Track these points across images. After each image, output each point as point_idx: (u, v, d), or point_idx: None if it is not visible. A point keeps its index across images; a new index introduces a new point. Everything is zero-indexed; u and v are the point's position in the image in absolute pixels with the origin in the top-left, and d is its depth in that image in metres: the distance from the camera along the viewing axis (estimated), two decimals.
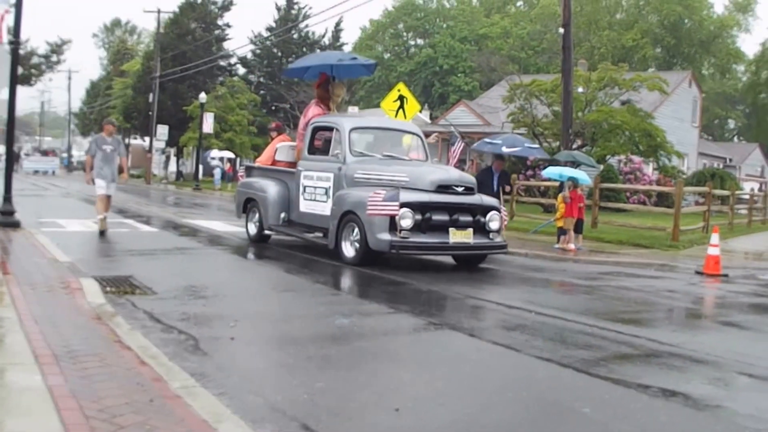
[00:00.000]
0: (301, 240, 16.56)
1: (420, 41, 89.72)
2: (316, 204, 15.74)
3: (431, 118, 62.47)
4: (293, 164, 17.46)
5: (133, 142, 76.21)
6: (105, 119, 19.36)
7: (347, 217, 14.51)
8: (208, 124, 54.84)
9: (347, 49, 78.67)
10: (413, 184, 14.08)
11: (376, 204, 13.65)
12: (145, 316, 8.74)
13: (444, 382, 6.69)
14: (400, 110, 22.31)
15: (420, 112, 44.79)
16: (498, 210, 14.89)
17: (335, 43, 72.28)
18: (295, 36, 70.11)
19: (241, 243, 17.54)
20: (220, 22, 69.07)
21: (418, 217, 13.82)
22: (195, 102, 55.67)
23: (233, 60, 70.55)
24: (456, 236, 14.23)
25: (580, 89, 34.62)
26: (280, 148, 17.81)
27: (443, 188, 14.29)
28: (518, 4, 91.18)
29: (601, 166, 32.48)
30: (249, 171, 18.65)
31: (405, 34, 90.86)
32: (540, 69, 73.78)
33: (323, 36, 71.25)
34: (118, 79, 76.79)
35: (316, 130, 16.53)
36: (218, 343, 7.64)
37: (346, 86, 17.50)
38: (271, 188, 17.00)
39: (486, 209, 14.68)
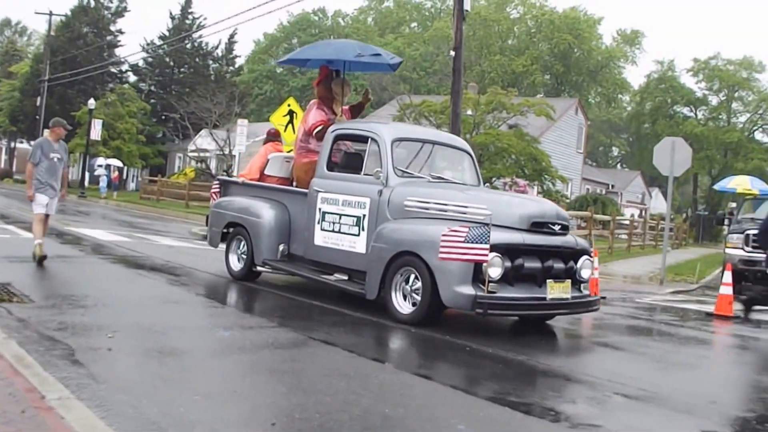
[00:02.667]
0: (309, 281, 12.37)
1: None
2: (341, 237, 11.21)
3: None
4: (286, 180, 13.16)
5: (18, 146, 73.87)
6: (54, 119, 14.12)
7: (402, 260, 10.10)
8: (96, 131, 52.70)
9: (239, 62, 74.89)
10: (497, 220, 9.71)
11: (456, 245, 9.28)
12: (21, 324, 8.27)
13: (321, 396, 6.36)
14: (290, 125, 21.75)
15: None
16: (590, 254, 10.71)
17: (228, 55, 71.39)
18: (189, 46, 68.29)
19: (125, 252, 16.43)
20: (112, 28, 67.63)
21: (508, 264, 9.60)
22: (84, 108, 53.02)
23: (124, 67, 68.89)
24: (554, 290, 10.04)
25: (469, 112, 34.30)
26: (273, 159, 13.19)
27: (538, 226, 10.04)
28: (412, 25, 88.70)
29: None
30: (226, 187, 13.78)
31: (299, 49, 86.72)
32: (431, 90, 72.15)
33: (216, 47, 70.42)
34: (5, 81, 73.16)
35: (339, 139, 12.07)
36: (96, 353, 7.26)
37: (350, 85, 13.14)
38: (266, 212, 12.35)
39: (579, 253, 10.52)
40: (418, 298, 9.88)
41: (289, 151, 13.92)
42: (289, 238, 12.20)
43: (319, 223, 11.46)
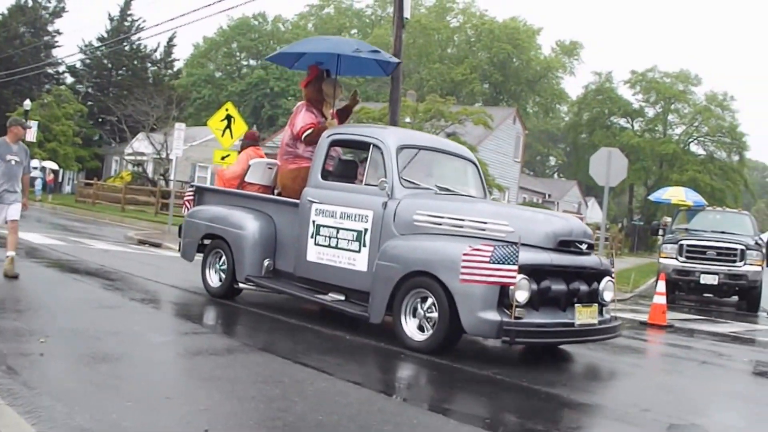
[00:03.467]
0: (289, 297, 11.45)
1: (253, 62, 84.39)
2: (338, 253, 10.01)
3: (259, 139, 57.40)
4: (268, 188, 11.95)
5: None
6: (11, 118, 12.63)
7: (413, 281, 8.96)
8: (32, 133, 49.20)
9: (178, 65, 73.26)
10: (519, 237, 8.59)
11: (479, 266, 8.22)
12: None
13: (255, 403, 6.25)
14: (227, 130, 21.78)
15: None
16: (612, 274, 9.64)
17: (167, 58, 69.91)
18: (127, 48, 66.25)
19: (60, 256, 15.77)
20: (50, 28, 65.61)
21: (534, 286, 8.52)
22: (19, 109, 50.39)
23: (62, 68, 66.59)
24: (582, 315, 9.00)
25: (408, 119, 33.86)
26: (255, 165, 11.91)
27: (565, 245, 8.99)
28: (353, 31, 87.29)
29: None
30: (202, 194, 12.45)
31: (238, 53, 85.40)
32: (369, 97, 70.41)
33: (155, 50, 68.63)
34: None
35: (335, 145, 10.91)
36: (27, 359, 6.98)
37: (342, 86, 11.89)
38: (250, 223, 11.07)
39: (602, 274, 9.47)
40: (433, 323, 8.75)
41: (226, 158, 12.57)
42: (275, 253, 10.97)
43: (312, 237, 10.26)
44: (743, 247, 19.26)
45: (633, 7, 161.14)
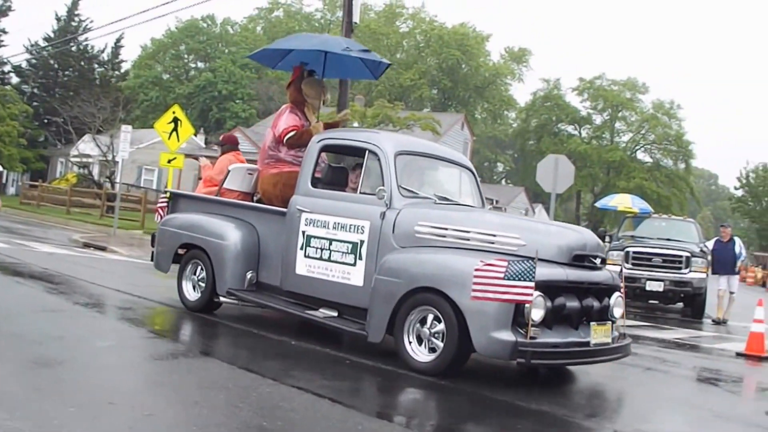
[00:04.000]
0: (283, 314, 10.84)
1: (201, 64, 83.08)
2: (331, 266, 9.25)
3: (206, 143, 59.91)
4: (248, 195, 11.18)
5: None
6: None
7: (418, 298, 8.26)
8: None
9: (126, 67, 71.80)
10: (532, 251, 7.96)
11: (493, 282, 7.56)
12: None
13: (199, 409, 6.16)
14: (174, 133, 21.59)
15: (195, 135, 45.39)
16: (621, 290, 9.03)
17: (114, 60, 68.02)
18: (74, 48, 64.44)
19: (2, 259, 15.16)
20: None
21: (549, 304, 7.90)
22: None
23: (7, 68, 63.71)
24: (597, 334, 8.39)
25: (356, 124, 33.51)
26: (234, 171, 11.10)
27: (579, 259, 8.37)
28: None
29: None
30: (177, 201, 11.61)
31: (186, 56, 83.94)
32: None
33: (103, 51, 66.56)
34: None
35: (326, 151, 10.27)
36: None
37: (326, 87, 11.21)
38: (231, 232, 10.25)
39: (612, 289, 8.87)
40: (440, 343, 8.09)
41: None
42: (258, 265, 10.19)
43: (302, 248, 9.50)
44: (688, 255, 19.32)
45: (582, 14, 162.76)
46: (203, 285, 10.53)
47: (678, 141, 70.71)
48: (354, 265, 8.99)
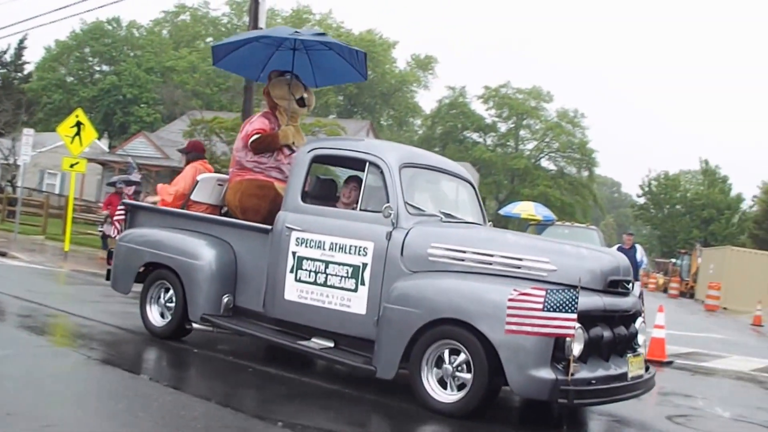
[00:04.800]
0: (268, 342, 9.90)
1: (106, 68, 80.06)
2: (327, 292, 8.10)
3: (110, 147, 58.22)
4: (217, 208, 9.96)
5: None
6: None
7: (438, 330, 7.23)
8: None
9: (29, 68, 68.98)
10: (564, 277, 7.12)
11: (530, 313, 6.59)
12: None
13: (99, 419, 6.05)
14: (77, 137, 21.31)
15: (98, 139, 44.40)
16: (642, 314, 8.17)
17: (17, 61, 65.33)
18: None
19: None
20: None
21: (586, 336, 6.98)
22: None
23: None
24: (633, 366, 7.57)
25: None
26: (203, 182, 9.84)
27: (614, 285, 7.45)
28: (208, 39, 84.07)
29: None
30: (137, 214, 10.25)
31: (91, 58, 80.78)
32: (224, 107, 67.87)
33: (5, 52, 63.38)
34: None
35: (319, 162, 9.11)
36: None
37: (301, 86, 9.84)
38: (205, 251, 9.00)
39: (636, 315, 7.96)
40: (466, 381, 7.05)
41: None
42: (235, 287, 8.95)
43: (292, 271, 8.33)
44: None
45: (488, 24, 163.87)
46: (172, 309, 9.26)
47: (582, 149, 71.14)
48: (355, 290, 7.89)
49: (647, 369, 8.07)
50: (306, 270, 8.21)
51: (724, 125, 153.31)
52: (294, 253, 8.30)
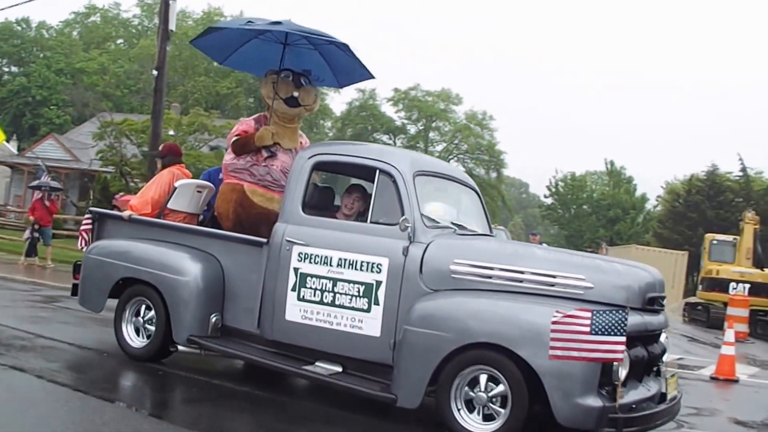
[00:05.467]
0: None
1: (15, 69, 77.09)
2: (335, 312, 7.26)
3: (19, 149, 55.41)
4: (194, 218, 9.07)
5: None
6: None
7: (472, 355, 6.49)
8: None
9: None
10: (601, 295, 6.48)
11: (576, 337, 5.93)
12: None
13: (4, 428, 5.70)
14: None
15: (7, 142, 42.37)
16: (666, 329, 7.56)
17: None
18: None
19: None
20: None
21: (629, 358, 6.36)
22: None
23: None
24: (671, 387, 7.04)
25: (171, 132, 32.15)
26: (181, 188, 8.85)
27: (651, 302, 6.82)
28: (119, 41, 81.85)
29: None
30: (105, 223, 9.15)
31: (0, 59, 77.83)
32: (134, 109, 65.83)
33: None
34: None
35: (321, 169, 8.37)
36: None
37: (291, 84, 8.57)
38: (191, 266, 8.04)
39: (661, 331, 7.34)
40: (501, 410, 6.31)
41: None
42: (223, 305, 8.04)
43: (294, 289, 7.45)
44: None
45: (398, 25, 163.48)
46: (152, 329, 8.26)
47: (490, 151, 70.92)
48: (368, 311, 7.08)
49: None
50: (311, 288, 7.35)
51: (629, 127, 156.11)
52: (296, 270, 7.44)
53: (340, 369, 7.27)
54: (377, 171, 7.38)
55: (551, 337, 5.94)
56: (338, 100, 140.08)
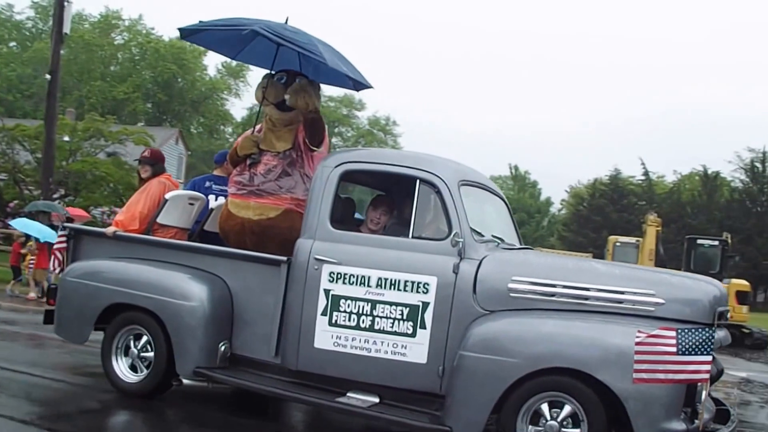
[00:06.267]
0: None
1: None
2: (374, 337, 6.54)
3: None
4: (185, 233, 8.25)
5: None
6: None
7: (542, 382, 5.91)
8: None
9: None
10: (671, 311, 6.00)
11: (662, 358, 5.48)
12: None
13: None
14: None
15: None
16: None
17: None
18: None
19: None
20: None
21: None
22: None
23: None
24: (729, 404, 6.70)
25: (66, 138, 31.49)
26: (173, 201, 8.02)
27: (720, 317, 6.25)
28: (11, 44, 78.72)
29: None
30: (82, 240, 8.20)
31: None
32: (27, 114, 64.02)
33: None
34: None
35: (350, 180, 7.51)
36: None
37: (282, 87, 7.74)
38: (196, 289, 7.19)
39: None
40: None
41: None
42: (232, 332, 7.25)
43: (325, 314, 6.71)
44: None
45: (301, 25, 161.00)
46: (149, 362, 7.40)
47: None
48: (413, 335, 6.41)
49: None
50: (345, 312, 6.63)
51: (533, 132, 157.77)
52: (327, 291, 6.70)
53: (377, 400, 6.58)
54: (417, 181, 6.72)
55: (635, 359, 5.45)
56: (239, 105, 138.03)
